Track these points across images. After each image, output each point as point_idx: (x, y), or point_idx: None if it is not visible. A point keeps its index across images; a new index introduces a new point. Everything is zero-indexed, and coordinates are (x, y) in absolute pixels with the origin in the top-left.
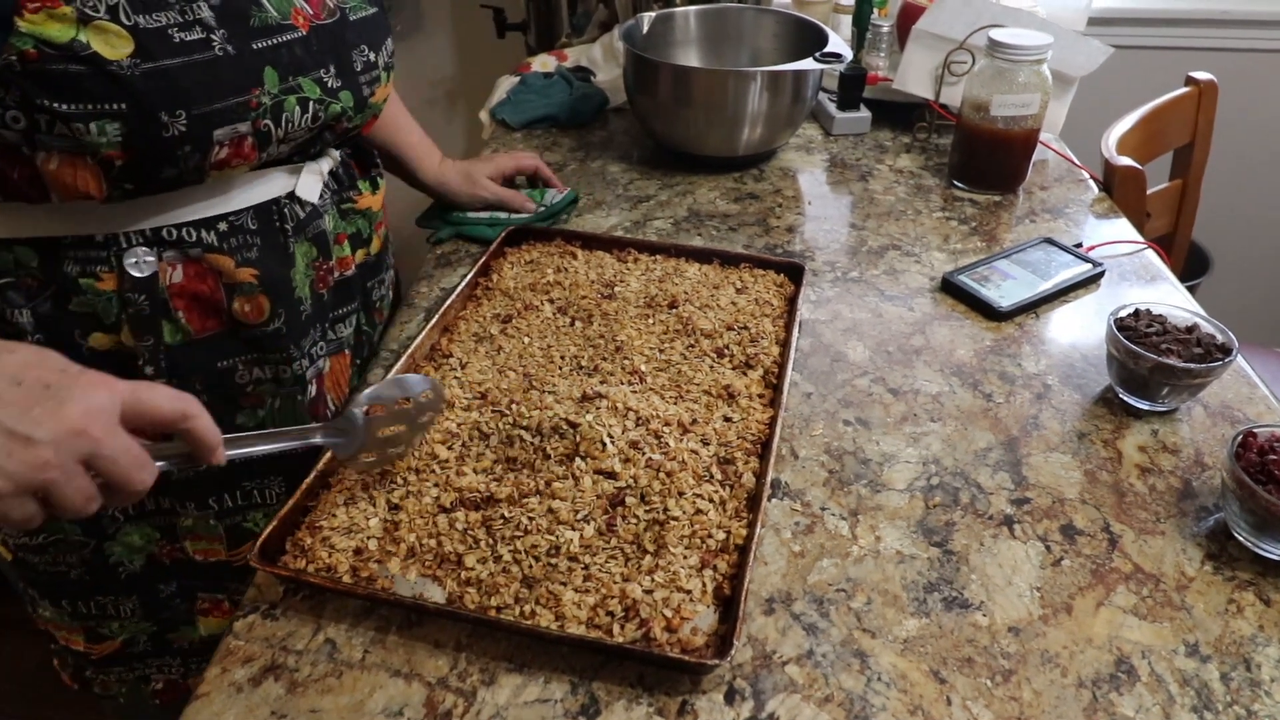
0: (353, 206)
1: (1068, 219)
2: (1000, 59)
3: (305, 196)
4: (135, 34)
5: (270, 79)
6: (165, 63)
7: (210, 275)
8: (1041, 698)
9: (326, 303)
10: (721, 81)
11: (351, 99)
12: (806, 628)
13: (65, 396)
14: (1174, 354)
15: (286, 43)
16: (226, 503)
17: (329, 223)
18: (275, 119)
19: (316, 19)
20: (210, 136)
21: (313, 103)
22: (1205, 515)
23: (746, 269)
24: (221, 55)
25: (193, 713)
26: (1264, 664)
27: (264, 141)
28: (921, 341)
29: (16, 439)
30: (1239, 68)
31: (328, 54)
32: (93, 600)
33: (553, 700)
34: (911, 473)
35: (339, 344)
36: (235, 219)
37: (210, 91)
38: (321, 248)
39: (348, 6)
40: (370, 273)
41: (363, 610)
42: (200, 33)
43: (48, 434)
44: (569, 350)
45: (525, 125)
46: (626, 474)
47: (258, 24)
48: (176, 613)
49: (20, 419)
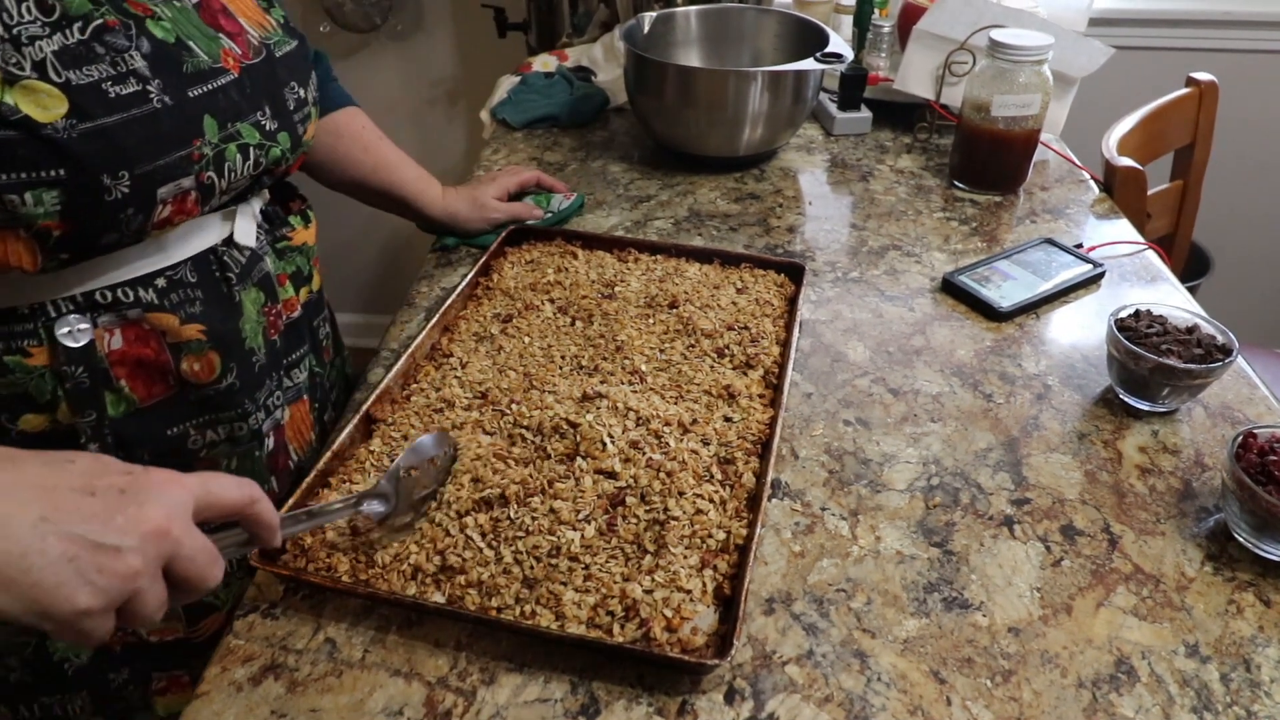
0: (289, 244)
1: (1068, 219)
2: (1001, 59)
3: (243, 241)
4: (68, 91)
5: (210, 128)
6: (103, 121)
7: (153, 337)
8: (1041, 698)
9: (279, 349)
10: (722, 82)
11: (289, 139)
12: (806, 628)
13: (143, 499)
14: (1174, 355)
15: (222, 87)
16: None
17: (270, 264)
18: (218, 169)
19: (245, 59)
20: (154, 195)
21: (253, 148)
22: (1205, 516)
23: (747, 269)
24: (160, 107)
25: (193, 712)
26: (1264, 665)
27: (207, 194)
28: (922, 342)
29: (106, 552)
30: (1240, 69)
31: (261, 95)
32: (36, 702)
33: (553, 700)
34: (912, 473)
35: (296, 390)
36: (173, 273)
37: (153, 147)
38: (268, 292)
39: (271, 43)
40: (314, 311)
41: (363, 610)
42: (136, 85)
43: (134, 541)
44: (569, 350)
45: (526, 125)
46: (627, 474)
47: (191, 70)
48: (130, 701)
49: (105, 531)
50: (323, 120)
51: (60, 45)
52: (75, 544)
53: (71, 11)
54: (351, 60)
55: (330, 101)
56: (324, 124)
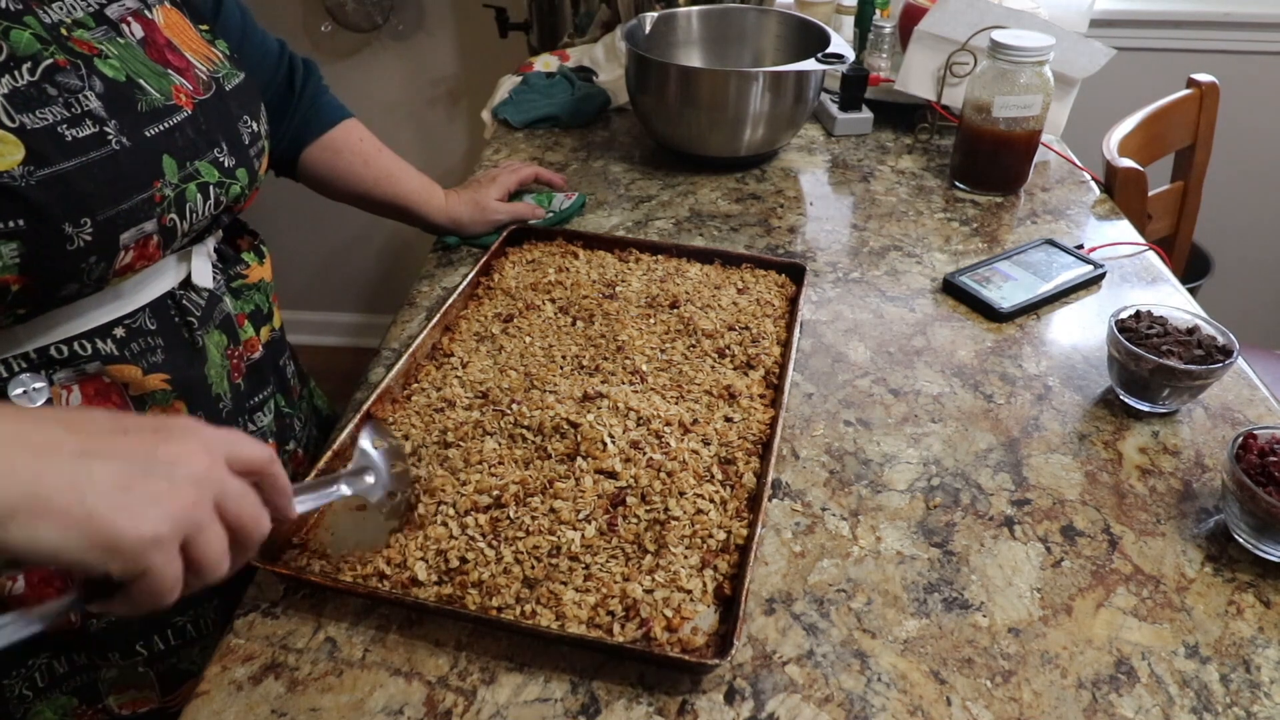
0: (244, 282)
1: (1069, 220)
2: (1002, 60)
3: (200, 283)
4: (23, 136)
5: (170, 167)
6: (62, 166)
7: (114, 390)
8: (1041, 698)
9: (243, 392)
10: (724, 82)
11: (246, 175)
12: (807, 628)
13: (180, 436)
14: (1175, 356)
15: (178, 125)
16: (157, 645)
17: (230, 304)
18: (179, 211)
19: (198, 94)
20: (117, 241)
21: (212, 187)
22: (1205, 517)
23: (748, 269)
24: (119, 149)
25: (193, 711)
26: (1264, 666)
27: (169, 238)
28: (922, 342)
29: (157, 480)
30: (1241, 70)
31: (217, 131)
32: None
33: (553, 699)
34: (912, 473)
35: (261, 434)
36: (132, 321)
37: (114, 191)
38: (230, 334)
39: (220, 76)
40: (278, 350)
41: (363, 609)
42: (93, 126)
43: (183, 472)
44: (570, 350)
45: (527, 125)
46: (627, 474)
47: (145, 109)
48: None
49: (151, 463)
50: (321, 138)
51: (10, 88)
52: (123, 474)
53: (19, 52)
54: (353, 60)
55: (326, 116)
56: (323, 141)
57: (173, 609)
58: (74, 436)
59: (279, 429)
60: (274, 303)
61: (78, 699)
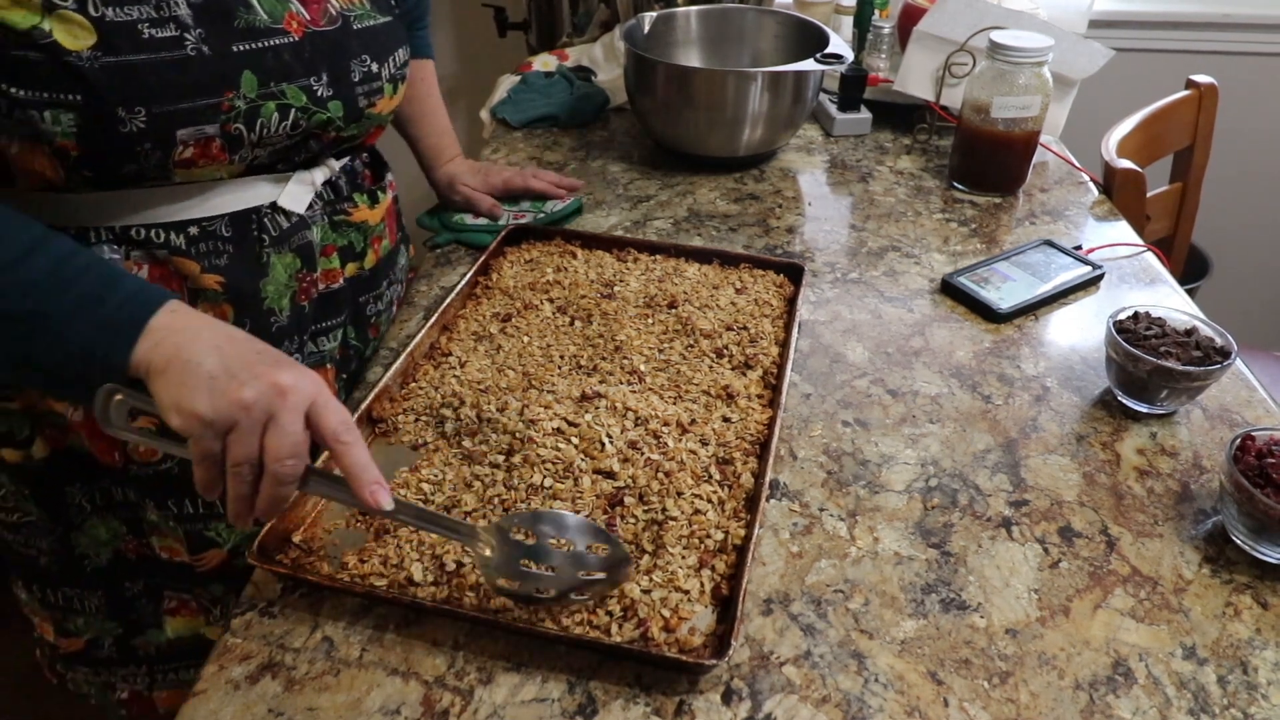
0: (345, 219)
1: (1068, 221)
2: (1001, 61)
3: (289, 207)
4: (100, 26)
5: (248, 83)
6: (130, 58)
7: (175, 280)
8: (1039, 699)
9: (307, 315)
10: (722, 82)
11: (342, 109)
12: (804, 628)
13: (284, 364)
14: (1173, 357)
15: (273, 47)
16: (186, 508)
17: (316, 234)
18: (249, 124)
19: (314, 25)
20: (173, 136)
21: (295, 110)
22: (1203, 518)
23: (746, 269)
24: (194, 55)
25: (190, 710)
26: (1261, 667)
27: (234, 145)
28: (921, 343)
29: (232, 378)
30: (1240, 71)
31: (321, 61)
32: (60, 590)
33: (550, 699)
34: (910, 474)
35: (320, 357)
36: (209, 225)
37: (176, 91)
38: (306, 259)
39: (352, 14)
40: (364, 288)
41: (360, 608)
42: (174, 30)
43: (256, 384)
44: (568, 350)
45: (526, 124)
46: (625, 474)
47: (242, 25)
48: (143, 614)
49: (241, 366)
50: None
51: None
52: (220, 371)
53: None
54: None
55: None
56: None
57: None
58: (224, 343)
59: (341, 358)
60: (373, 245)
61: (126, 528)
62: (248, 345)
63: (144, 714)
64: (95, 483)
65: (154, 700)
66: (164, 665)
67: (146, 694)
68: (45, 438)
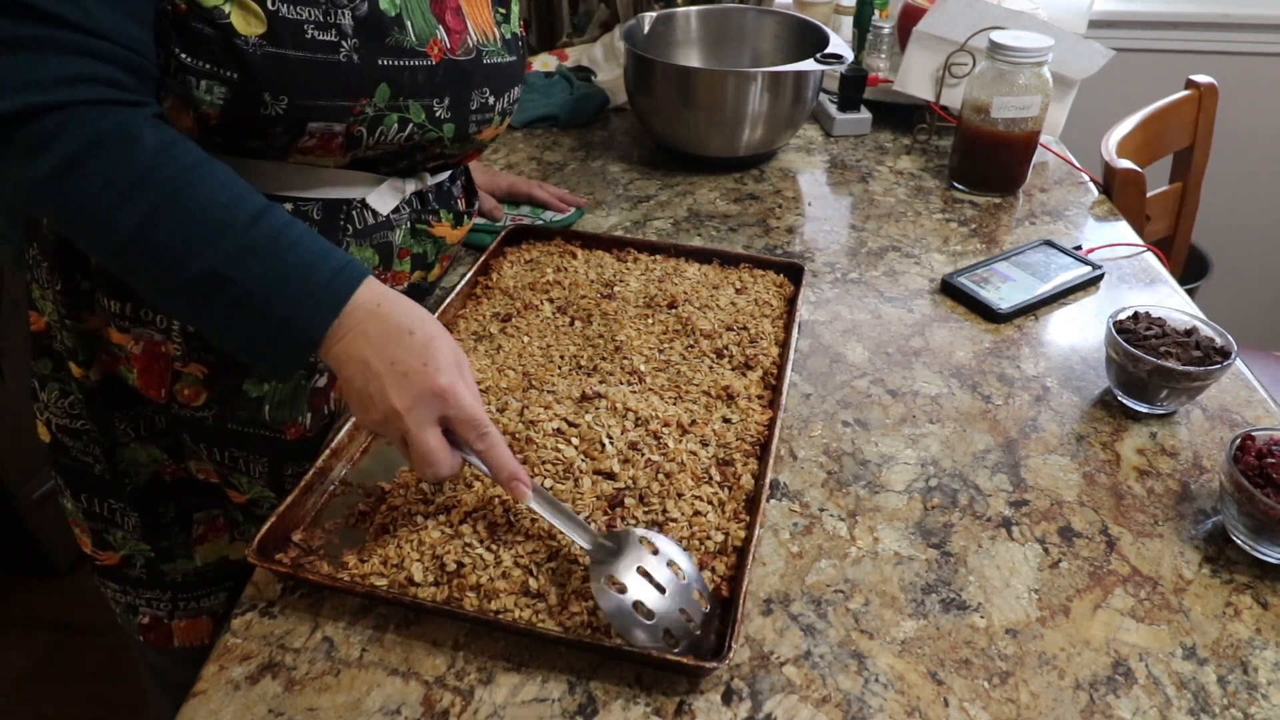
0: (426, 229)
1: (1067, 221)
2: (1001, 61)
3: (377, 207)
4: (271, 19)
5: (381, 94)
6: (289, 52)
7: None
8: (1039, 700)
9: None
10: (722, 82)
11: (453, 131)
12: (804, 629)
13: (440, 372)
14: (1173, 357)
15: (411, 67)
16: (216, 455)
17: (398, 236)
18: (371, 129)
19: (451, 53)
20: (305, 126)
21: (413, 124)
22: (1203, 518)
23: (746, 269)
24: (344, 62)
25: (190, 710)
26: (1261, 667)
27: (353, 143)
28: (921, 343)
29: (387, 386)
30: (1239, 71)
31: (446, 87)
32: (105, 501)
33: (550, 700)
34: (910, 474)
35: None
36: (304, 205)
37: (321, 90)
38: (385, 257)
39: (486, 49)
40: (418, 296)
41: (360, 608)
42: (334, 36)
43: (404, 394)
44: (568, 350)
45: (526, 124)
46: (625, 475)
47: (392, 43)
48: (173, 543)
49: (399, 378)
50: None
51: None
52: (385, 372)
53: None
54: None
55: None
56: None
57: (227, 440)
58: (408, 328)
59: None
60: (441, 261)
61: (167, 455)
62: (398, 350)
63: (159, 641)
64: (139, 412)
65: (171, 629)
66: (187, 593)
67: (166, 621)
68: (100, 364)
